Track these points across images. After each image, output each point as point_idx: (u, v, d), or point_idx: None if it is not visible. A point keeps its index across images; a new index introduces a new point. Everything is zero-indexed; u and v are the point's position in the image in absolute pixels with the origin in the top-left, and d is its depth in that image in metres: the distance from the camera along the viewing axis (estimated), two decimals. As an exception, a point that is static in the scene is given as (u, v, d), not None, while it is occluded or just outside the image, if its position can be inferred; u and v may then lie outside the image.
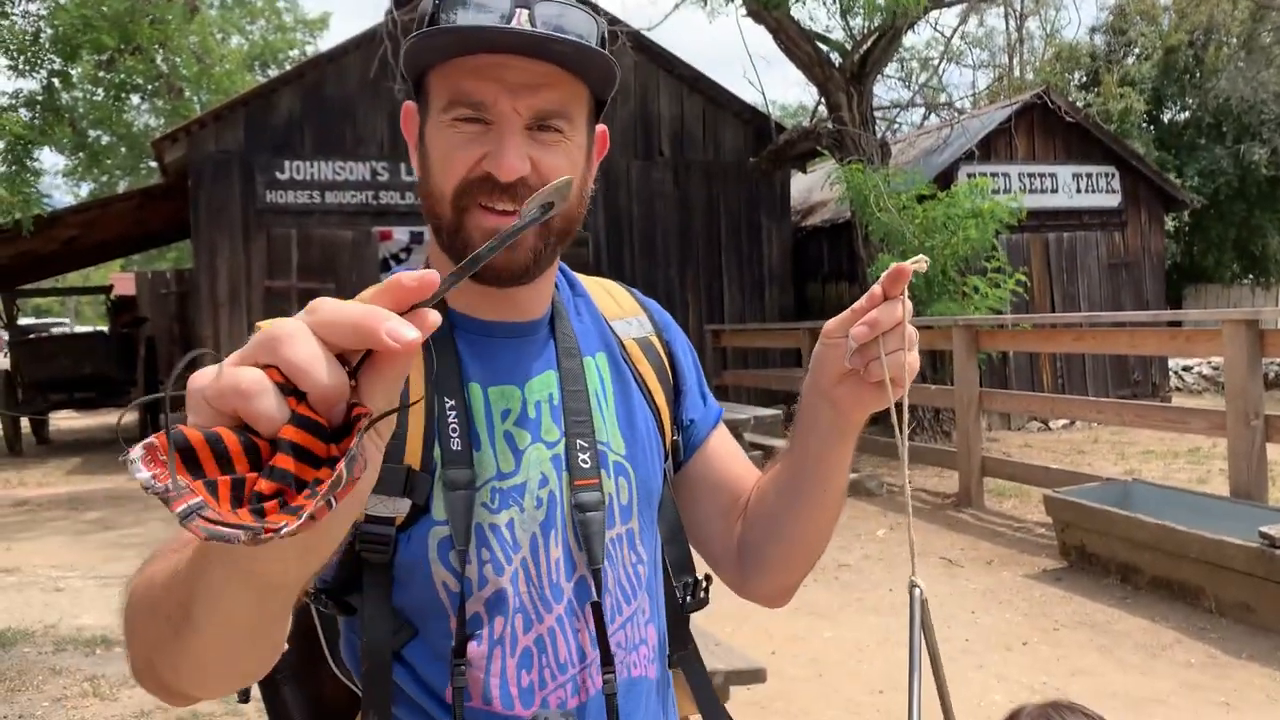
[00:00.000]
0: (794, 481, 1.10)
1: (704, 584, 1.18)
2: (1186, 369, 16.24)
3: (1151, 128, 21.70)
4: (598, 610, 1.02)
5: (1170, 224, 18.79)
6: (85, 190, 28.87)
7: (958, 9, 11.59)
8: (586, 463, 1.05)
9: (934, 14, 11.25)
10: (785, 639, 5.01)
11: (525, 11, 0.96)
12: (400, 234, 12.26)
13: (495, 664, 1.00)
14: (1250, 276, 21.92)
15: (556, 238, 1.04)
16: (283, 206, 11.81)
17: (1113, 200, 12.85)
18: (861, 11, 9.71)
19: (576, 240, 1.22)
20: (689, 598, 1.16)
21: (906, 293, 0.93)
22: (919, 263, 0.93)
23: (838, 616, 5.40)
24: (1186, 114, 21.72)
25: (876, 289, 0.93)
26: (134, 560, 6.28)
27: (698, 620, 1.30)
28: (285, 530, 0.50)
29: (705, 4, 11.50)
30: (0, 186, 12.86)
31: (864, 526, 7.34)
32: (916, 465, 9.12)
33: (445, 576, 0.99)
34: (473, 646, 0.99)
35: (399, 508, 0.98)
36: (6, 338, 15.83)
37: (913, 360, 0.96)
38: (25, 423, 14.35)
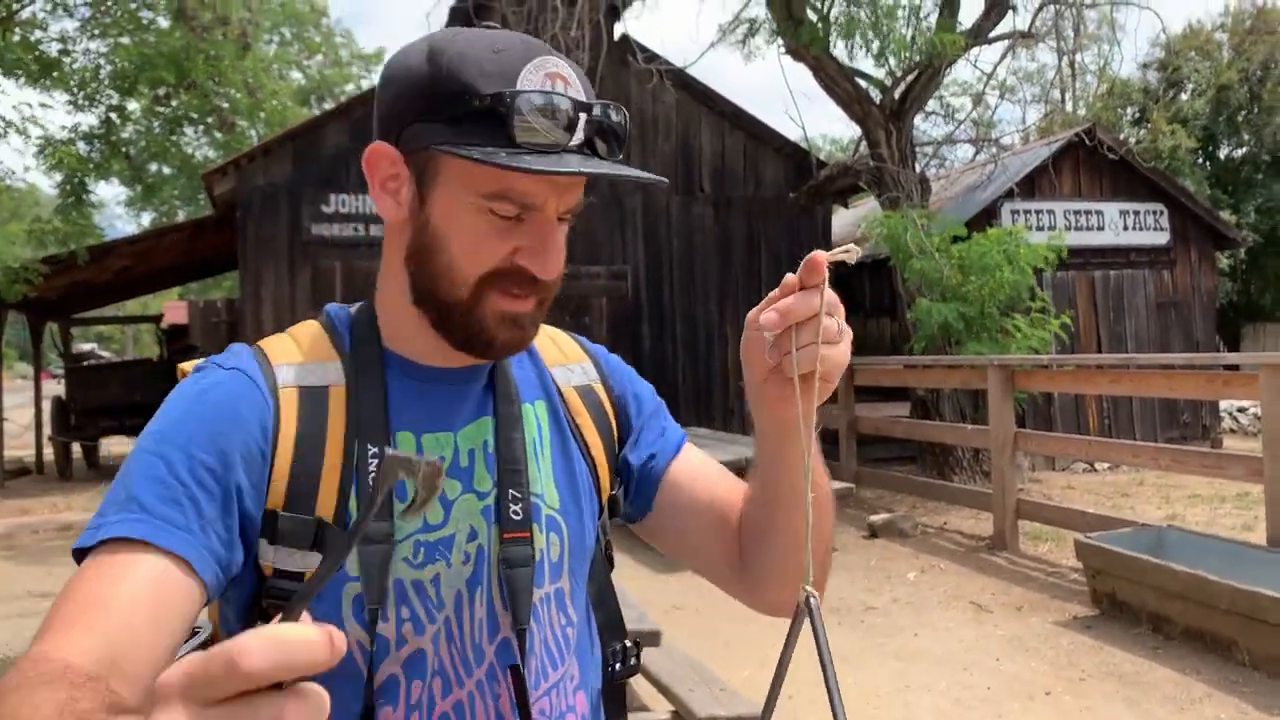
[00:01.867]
0: (764, 490, 1.04)
1: (634, 650, 1.13)
2: (1241, 410, 15.85)
3: (1206, 164, 21.35)
4: (518, 675, 0.98)
5: (1226, 262, 18.44)
6: (146, 219, 29.61)
7: (1001, 45, 11.52)
8: (518, 514, 1.00)
9: (975, 51, 11.18)
10: (804, 683, 4.91)
11: (585, 116, 0.94)
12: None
13: None
14: (1310, 316, 21.40)
15: (544, 313, 1.05)
16: (328, 239, 12.00)
17: (1161, 238, 12.63)
18: (893, 56, 9.68)
19: (615, 274, 1.24)
20: (619, 664, 1.12)
21: (827, 283, 0.88)
22: (847, 253, 0.88)
23: (859, 660, 5.31)
24: (1242, 150, 21.33)
25: (791, 277, 0.87)
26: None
27: (715, 651, 1.32)
28: None
29: (744, 45, 11.55)
30: (57, 218, 13.24)
31: (895, 568, 7.23)
32: (953, 506, 8.98)
33: (360, 635, 0.94)
34: (387, 711, 0.95)
35: (308, 562, 0.94)
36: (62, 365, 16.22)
37: (837, 356, 0.89)
38: (76, 448, 14.67)
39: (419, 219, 0.99)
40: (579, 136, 0.94)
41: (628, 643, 1.13)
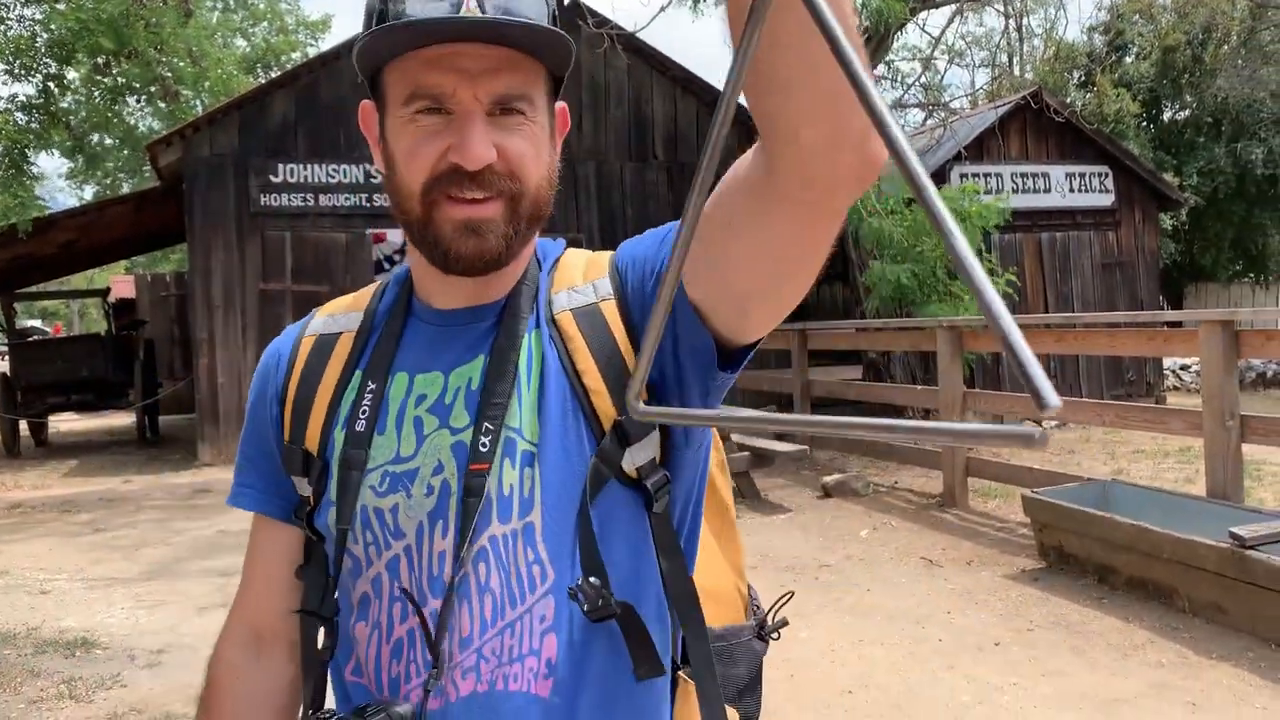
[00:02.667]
0: (765, 77, 0.76)
1: (605, 598, 0.98)
2: (1184, 368, 16.22)
3: (1150, 127, 21.69)
4: (448, 608, 0.98)
5: (1169, 223, 18.77)
6: (89, 193, 28.96)
7: (947, 10, 11.60)
8: (485, 447, 0.98)
9: (923, 15, 11.25)
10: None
11: None
12: (394, 236, 12.30)
13: (372, 648, 1.02)
14: (1250, 275, 21.88)
15: (526, 222, 1.02)
16: (277, 209, 11.86)
17: (1106, 200, 12.85)
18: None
19: (569, 242, 1.19)
20: (589, 604, 0.96)
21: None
22: None
23: (814, 617, 5.42)
24: (1186, 113, 21.69)
25: None
26: (121, 562, 6.37)
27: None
28: None
29: (694, 3, 11.52)
30: (-3, 190, 12.96)
31: (847, 527, 7.36)
32: (904, 465, 9.15)
33: (344, 554, 1.04)
34: (360, 626, 1.03)
35: (305, 489, 1.06)
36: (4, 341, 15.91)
37: None
38: (24, 425, 14.42)
39: (384, 154, 1.04)
40: (469, 8, 0.94)
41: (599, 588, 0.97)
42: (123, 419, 16.46)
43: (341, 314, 1.14)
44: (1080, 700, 4.20)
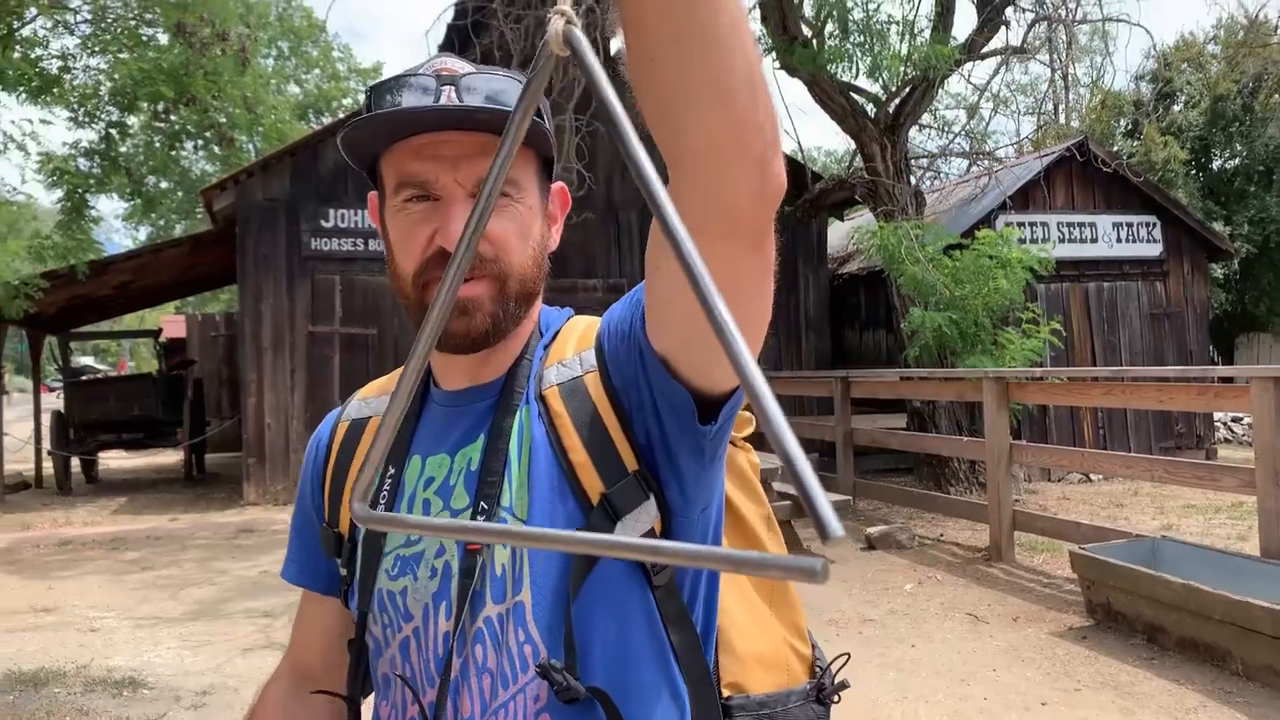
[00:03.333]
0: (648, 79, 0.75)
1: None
2: (1236, 420, 15.93)
3: (1199, 175, 21.48)
4: (452, 691, 0.99)
5: (1220, 272, 18.54)
6: (144, 234, 29.63)
7: (994, 60, 11.62)
8: None
9: (969, 65, 11.29)
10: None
11: (451, 88, 0.99)
12: (440, 281, 12.50)
13: None
14: (1304, 326, 21.51)
15: (515, 301, 1.04)
16: (327, 254, 12.07)
17: (1154, 250, 12.72)
18: (886, 71, 9.77)
19: (610, 287, 1.19)
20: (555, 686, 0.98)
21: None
22: None
23: (857, 673, 5.35)
24: (1236, 161, 21.47)
25: None
26: (167, 601, 6.45)
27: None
28: None
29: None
30: (57, 233, 13.29)
31: (892, 580, 7.28)
32: (949, 517, 9.04)
33: (366, 635, 1.09)
34: (384, 705, 1.07)
35: (341, 569, 1.11)
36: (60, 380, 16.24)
37: None
38: (75, 462, 14.69)
39: (385, 242, 1.09)
40: (447, 98, 1.00)
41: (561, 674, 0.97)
42: (171, 457, 16.70)
43: (374, 398, 1.19)
44: (1130, 765, 4.12)
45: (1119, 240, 12.58)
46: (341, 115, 16.94)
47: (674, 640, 1.01)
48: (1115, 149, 16.44)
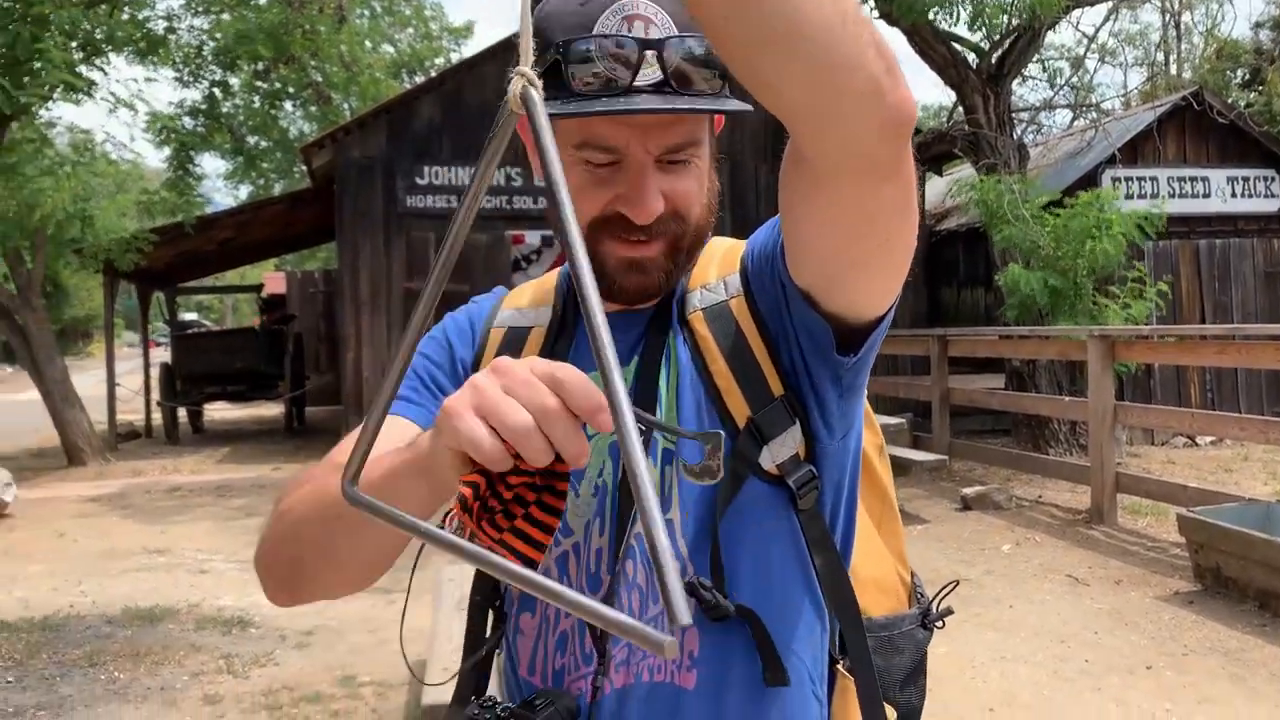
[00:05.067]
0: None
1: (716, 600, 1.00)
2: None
3: (1322, 127, 20.41)
4: (606, 604, 0.99)
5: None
6: (244, 192, 30.37)
7: (1103, 7, 11.16)
8: None
9: (1076, 13, 10.85)
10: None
11: (653, 53, 0.94)
12: (532, 238, 12.58)
13: (540, 642, 1.05)
14: None
15: (687, 254, 1.05)
16: (422, 210, 12.22)
17: (1272, 205, 12.15)
18: (987, 23, 9.43)
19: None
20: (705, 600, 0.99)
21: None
22: None
23: (953, 633, 5.28)
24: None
25: None
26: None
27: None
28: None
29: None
30: (164, 189, 13.71)
31: (988, 541, 7.15)
32: (1048, 479, 8.84)
33: None
34: (526, 618, 1.07)
35: None
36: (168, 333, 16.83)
37: None
38: (182, 413, 15.24)
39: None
40: (650, 74, 0.93)
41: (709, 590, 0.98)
42: (271, 409, 17.20)
43: (530, 309, 1.17)
44: (1241, 731, 3.99)
45: (1233, 195, 12.04)
46: (434, 74, 17.07)
47: (817, 563, 1.02)
48: (1230, 100, 15.69)
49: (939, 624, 1.19)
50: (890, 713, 1.09)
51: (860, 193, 0.83)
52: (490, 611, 1.11)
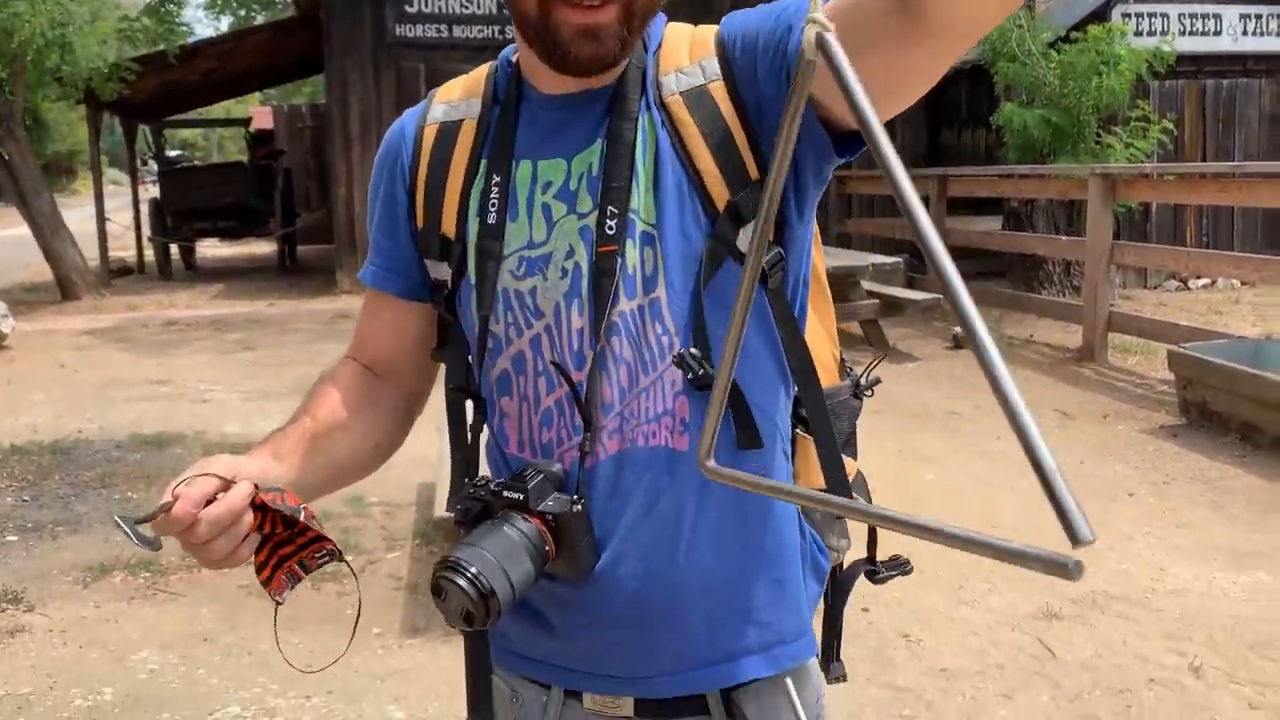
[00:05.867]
0: None
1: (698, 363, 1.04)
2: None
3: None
4: (592, 378, 1.04)
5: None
6: (225, 24, 29.37)
7: None
8: (611, 229, 1.04)
9: None
10: (888, 478, 5.07)
11: None
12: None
13: (524, 420, 1.09)
14: None
15: (641, 21, 1.02)
16: (412, 40, 11.87)
17: (1283, 44, 11.87)
18: None
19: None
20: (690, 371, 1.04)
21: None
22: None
23: (943, 461, 5.44)
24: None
25: None
26: (271, 379, 6.78)
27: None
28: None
29: None
30: (146, 16, 13.26)
31: (978, 378, 7.05)
32: (1041, 319, 8.93)
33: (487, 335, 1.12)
34: (505, 402, 1.10)
35: (441, 272, 1.12)
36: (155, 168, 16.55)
37: None
38: (174, 249, 15.14)
39: None
40: None
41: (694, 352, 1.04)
42: (262, 247, 17.11)
43: (460, 101, 1.16)
44: (1215, 552, 4.16)
45: (1244, 33, 11.74)
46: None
47: (782, 336, 1.08)
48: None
49: (868, 393, 1.27)
50: (851, 464, 1.19)
51: (945, 54, 0.90)
52: (469, 400, 1.15)
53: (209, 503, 0.92)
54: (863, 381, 1.27)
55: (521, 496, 1.01)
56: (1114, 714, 2.98)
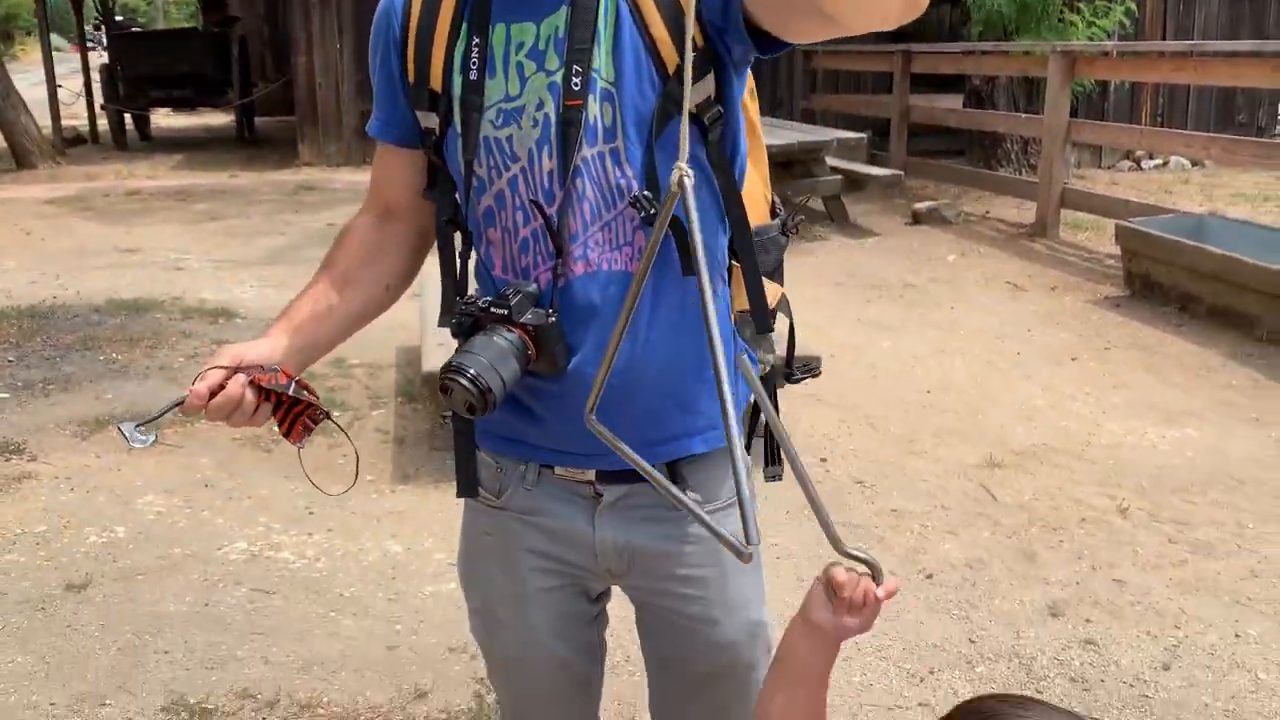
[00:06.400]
0: None
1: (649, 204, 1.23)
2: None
3: None
4: (561, 213, 1.23)
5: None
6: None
7: None
8: (576, 85, 1.19)
9: None
10: (845, 347, 5.33)
11: None
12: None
13: (504, 248, 1.30)
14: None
15: None
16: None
17: (1251, -83, 11.87)
18: None
19: None
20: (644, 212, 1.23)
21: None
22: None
23: (898, 330, 5.70)
24: None
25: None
26: (242, 248, 6.84)
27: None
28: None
29: None
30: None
31: (935, 252, 7.50)
32: (997, 196, 9.14)
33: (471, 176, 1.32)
34: (491, 232, 1.30)
35: (430, 121, 1.30)
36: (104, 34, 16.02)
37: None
38: (129, 120, 14.78)
39: None
40: None
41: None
42: (220, 118, 16.76)
43: None
44: (1148, 410, 4.48)
45: (1210, -89, 11.72)
46: None
47: (719, 181, 1.28)
48: None
49: (794, 230, 1.49)
50: (775, 289, 1.42)
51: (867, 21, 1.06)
52: (457, 232, 1.35)
53: (215, 394, 1.18)
54: (790, 221, 1.49)
55: (506, 311, 1.21)
56: (1048, 547, 3.30)
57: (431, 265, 1.42)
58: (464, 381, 1.15)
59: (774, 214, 1.48)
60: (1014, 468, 3.90)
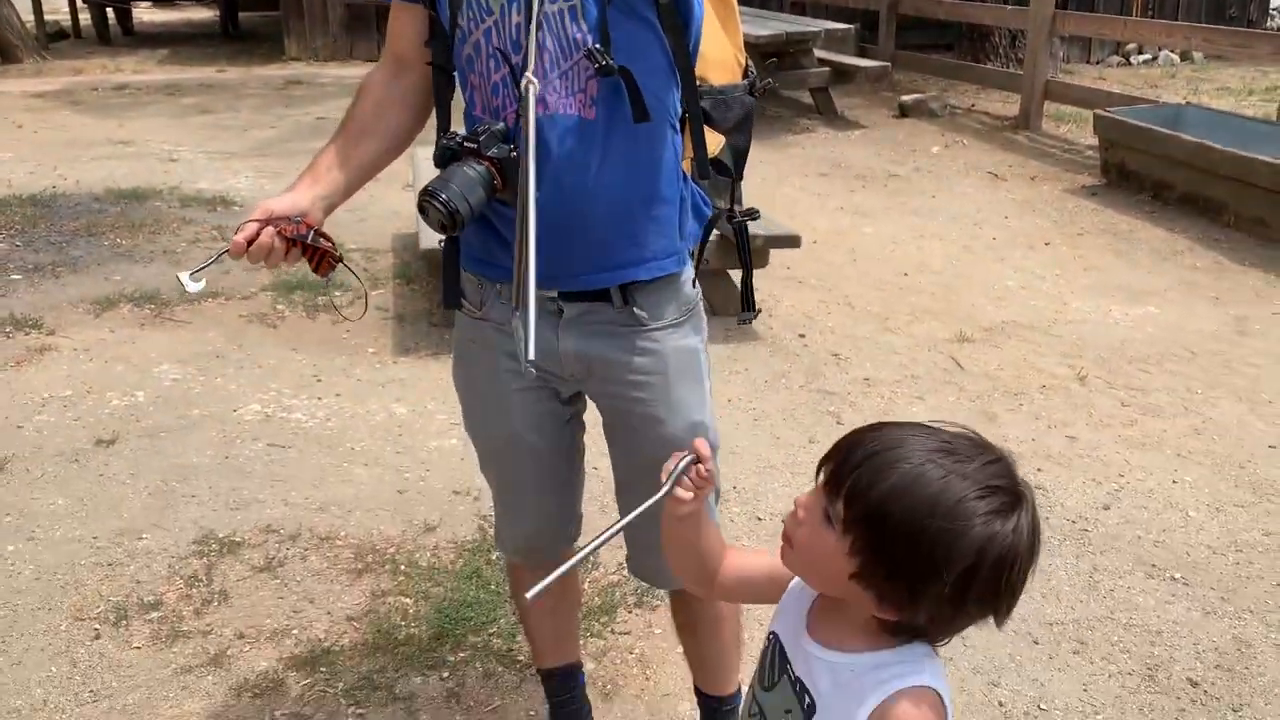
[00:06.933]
0: None
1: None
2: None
3: None
4: (525, 62, 1.38)
5: None
6: None
7: None
8: None
9: None
10: (827, 232, 5.51)
11: None
12: None
13: (481, 91, 1.49)
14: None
15: None
16: None
17: None
18: None
19: None
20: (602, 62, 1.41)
21: None
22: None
23: (880, 216, 5.86)
24: None
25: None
26: (234, 140, 6.92)
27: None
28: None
29: None
30: None
31: (920, 144, 7.62)
32: (983, 90, 9.21)
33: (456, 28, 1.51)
34: (472, 77, 1.50)
35: None
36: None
37: None
38: (110, 14, 14.58)
39: None
40: None
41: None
42: (201, 13, 16.54)
43: None
44: (1115, 290, 4.69)
45: None
46: None
47: (670, 41, 1.46)
48: None
49: (760, 91, 1.66)
50: (717, 138, 1.59)
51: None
52: (444, 72, 1.54)
53: (251, 242, 1.42)
54: (757, 83, 1.67)
55: (476, 145, 1.41)
56: (1008, 410, 3.54)
57: (425, 155, 1.63)
58: (436, 204, 1.36)
59: (745, 74, 1.65)
60: (982, 342, 4.12)
